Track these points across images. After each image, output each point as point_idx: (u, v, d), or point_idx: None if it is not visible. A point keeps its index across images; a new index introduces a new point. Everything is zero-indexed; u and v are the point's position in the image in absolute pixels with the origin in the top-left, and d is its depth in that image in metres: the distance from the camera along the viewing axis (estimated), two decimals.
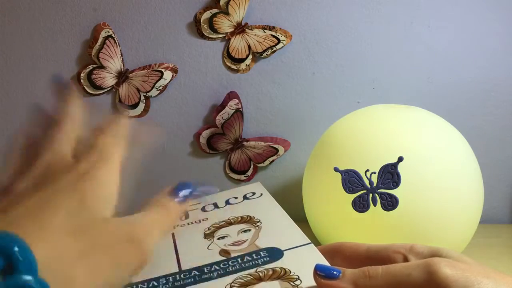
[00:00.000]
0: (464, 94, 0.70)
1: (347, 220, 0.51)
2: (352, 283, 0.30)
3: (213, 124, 0.72)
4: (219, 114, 0.71)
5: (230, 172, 0.74)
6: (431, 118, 0.55)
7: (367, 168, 0.50)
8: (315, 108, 0.72)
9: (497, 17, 0.67)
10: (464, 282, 0.28)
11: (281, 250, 0.37)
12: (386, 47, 0.69)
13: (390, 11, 0.68)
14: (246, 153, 0.73)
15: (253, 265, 0.36)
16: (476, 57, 0.69)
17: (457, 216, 0.50)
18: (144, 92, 0.71)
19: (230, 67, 0.71)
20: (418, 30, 0.68)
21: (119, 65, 0.70)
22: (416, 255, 0.33)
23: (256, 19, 0.69)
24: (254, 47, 0.69)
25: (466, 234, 0.53)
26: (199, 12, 0.68)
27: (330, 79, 0.71)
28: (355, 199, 0.50)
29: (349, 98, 0.71)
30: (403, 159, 0.49)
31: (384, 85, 0.71)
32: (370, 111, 0.57)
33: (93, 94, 0.71)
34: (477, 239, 0.55)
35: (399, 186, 0.49)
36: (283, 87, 0.72)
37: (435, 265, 0.29)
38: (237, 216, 0.45)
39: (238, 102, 0.71)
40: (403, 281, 0.29)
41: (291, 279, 0.33)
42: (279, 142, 0.73)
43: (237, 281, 0.34)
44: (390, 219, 0.49)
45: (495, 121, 0.71)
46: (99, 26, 0.69)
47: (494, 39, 0.68)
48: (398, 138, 0.51)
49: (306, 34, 0.69)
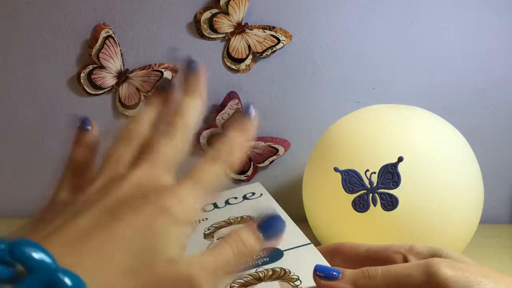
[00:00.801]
0: (464, 94, 0.70)
1: (347, 220, 0.51)
2: (352, 283, 0.30)
3: (213, 124, 0.72)
4: (219, 114, 0.71)
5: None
6: (431, 118, 0.55)
7: (367, 168, 0.50)
8: (315, 108, 0.72)
9: (497, 17, 0.67)
10: (464, 283, 0.28)
11: (281, 250, 0.37)
12: (386, 47, 0.69)
13: (390, 11, 0.68)
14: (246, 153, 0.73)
15: (253, 265, 0.36)
16: (476, 57, 0.69)
17: (457, 216, 0.50)
18: (144, 92, 0.71)
19: (230, 67, 0.71)
20: (418, 30, 0.68)
21: (119, 65, 0.70)
22: (415, 255, 0.33)
23: (256, 19, 0.69)
24: (254, 47, 0.69)
25: (466, 234, 0.53)
26: (199, 12, 0.68)
27: (330, 79, 0.71)
28: (355, 199, 0.50)
29: (349, 98, 0.71)
30: (403, 159, 0.49)
31: (384, 85, 0.71)
32: (370, 111, 0.57)
33: (93, 94, 0.71)
34: (477, 239, 0.55)
35: (399, 186, 0.49)
36: (283, 87, 0.72)
37: (435, 265, 0.29)
38: (236, 216, 0.45)
39: (238, 102, 0.71)
40: (403, 282, 0.29)
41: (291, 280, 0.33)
42: (279, 142, 0.73)
43: (237, 281, 0.34)
44: (390, 219, 0.49)
45: (495, 121, 0.71)
46: (99, 26, 0.69)
47: (494, 39, 0.68)
48: (398, 138, 0.51)
49: (306, 34, 0.69)
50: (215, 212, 0.47)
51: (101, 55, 0.69)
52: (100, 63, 0.69)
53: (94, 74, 0.70)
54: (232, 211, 0.47)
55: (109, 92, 0.72)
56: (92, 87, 0.71)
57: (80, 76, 0.70)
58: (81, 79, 0.70)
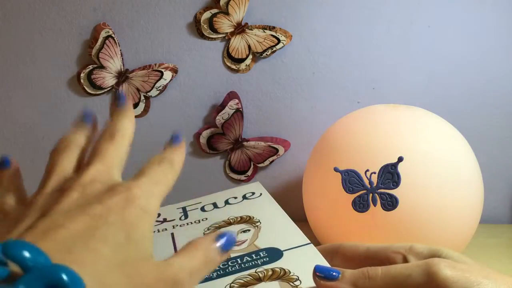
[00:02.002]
0: (464, 94, 0.70)
1: (347, 220, 0.51)
2: (352, 284, 0.30)
3: (213, 124, 0.72)
4: (219, 114, 0.71)
5: (230, 172, 0.74)
6: (431, 118, 0.55)
7: (367, 168, 0.50)
8: (315, 108, 0.72)
9: (497, 17, 0.67)
10: (464, 283, 0.28)
11: (281, 250, 0.37)
12: (386, 47, 0.69)
13: (390, 11, 0.68)
14: (246, 153, 0.73)
15: (252, 265, 0.36)
16: (476, 57, 0.69)
17: (457, 216, 0.50)
18: (144, 92, 0.71)
19: (230, 67, 0.71)
20: (418, 30, 0.68)
21: (119, 65, 0.70)
22: (415, 255, 0.33)
23: (256, 19, 0.69)
24: (254, 47, 0.69)
25: (466, 234, 0.53)
26: (199, 12, 0.68)
27: (330, 79, 0.71)
28: (355, 199, 0.50)
29: (349, 98, 0.71)
30: (403, 159, 0.49)
31: (384, 85, 0.71)
32: (370, 111, 0.57)
33: (93, 94, 0.71)
34: (477, 239, 0.55)
35: (399, 186, 0.49)
36: (283, 87, 0.72)
37: (435, 266, 0.29)
38: (236, 216, 0.45)
39: (238, 102, 0.71)
40: (403, 282, 0.29)
41: (290, 280, 0.33)
42: (279, 142, 0.73)
43: (236, 282, 0.34)
44: (390, 219, 0.49)
45: (495, 121, 0.71)
46: (99, 26, 0.69)
47: (494, 39, 0.68)
48: (398, 138, 0.51)
49: (306, 34, 0.69)
50: (215, 212, 0.47)
51: (101, 55, 0.69)
52: (100, 63, 0.69)
53: (94, 74, 0.70)
54: (231, 211, 0.47)
55: (109, 92, 0.72)
56: (92, 87, 0.71)
57: (80, 76, 0.70)
58: (81, 79, 0.70)
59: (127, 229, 0.23)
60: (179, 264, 0.24)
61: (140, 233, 0.23)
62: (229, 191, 0.52)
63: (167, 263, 0.24)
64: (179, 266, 0.24)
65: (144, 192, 0.25)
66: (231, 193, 0.51)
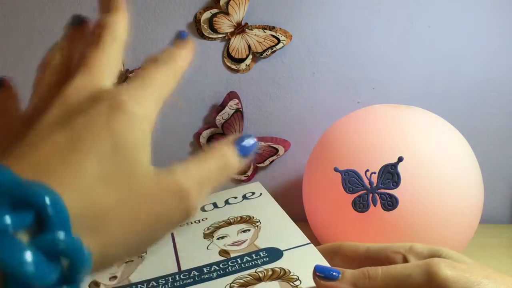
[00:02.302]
0: (464, 94, 0.70)
1: (347, 220, 0.51)
2: (352, 284, 0.30)
3: (213, 124, 0.72)
4: (219, 114, 0.71)
5: None
6: (431, 118, 0.55)
7: (367, 168, 0.50)
8: (315, 108, 0.72)
9: (496, 17, 0.67)
10: (464, 283, 0.28)
11: (281, 250, 0.37)
12: (386, 47, 0.69)
13: (390, 11, 0.68)
14: None
15: (252, 265, 0.36)
16: (476, 57, 0.69)
17: (457, 216, 0.50)
18: None
19: (230, 67, 0.71)
20: (418, 30, 0.68)
21: None
22: (415, 255, 0.33)
23: (256, 19, 0.69)
24: (254, 47, 0.69)
25: (466, 234, 0.53)
26: (199, 12, 0.68)
27: (330, 79, 0.71)
28: (355, 199, 0.50)
29: (349, 98, 0.71)
30: (403, 159, 0.49)
31: (384, 85, 0.71)
32: (370, 111, 0.57)
33: None
34: (477, 239, 0.55)
35: (399, 186, 0.49)
36: (283, 87, 0.72)
37: (435, 266, 0.29)
38: (236, 216, 0.45)
39: (238, 102, 0.71)
40: (403, 282, 0.29)
41: (290, 280, 0.33)
42: (279, 142, 0.73)
43: (236, 282, 0.34)
44: (390, 219, 0.49)
45: (495, 121, 0.71)
46: None
47: (494, 39, 0.68)
48: (398, 138, 0.51)
49: (306, 34, 0.69)
50: (214, 212, 0.47)
51: None
52: None
53: None
54: (231, 210, 0.47)
55: None
56: None
57: None
58: None
59: (114, 138, 0.20)
60: (184, 172, 0.22)
61: (131, 140, 0.21)
62: (229, 191, 0.52)
63: (168, 170, 0.22)
64: (183, 173, 0.22)
65: (132, 96, 0.22)
66: (231, 193, 0.51)
